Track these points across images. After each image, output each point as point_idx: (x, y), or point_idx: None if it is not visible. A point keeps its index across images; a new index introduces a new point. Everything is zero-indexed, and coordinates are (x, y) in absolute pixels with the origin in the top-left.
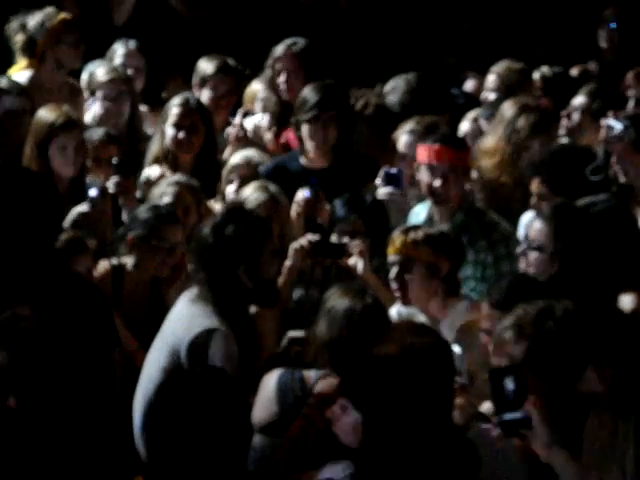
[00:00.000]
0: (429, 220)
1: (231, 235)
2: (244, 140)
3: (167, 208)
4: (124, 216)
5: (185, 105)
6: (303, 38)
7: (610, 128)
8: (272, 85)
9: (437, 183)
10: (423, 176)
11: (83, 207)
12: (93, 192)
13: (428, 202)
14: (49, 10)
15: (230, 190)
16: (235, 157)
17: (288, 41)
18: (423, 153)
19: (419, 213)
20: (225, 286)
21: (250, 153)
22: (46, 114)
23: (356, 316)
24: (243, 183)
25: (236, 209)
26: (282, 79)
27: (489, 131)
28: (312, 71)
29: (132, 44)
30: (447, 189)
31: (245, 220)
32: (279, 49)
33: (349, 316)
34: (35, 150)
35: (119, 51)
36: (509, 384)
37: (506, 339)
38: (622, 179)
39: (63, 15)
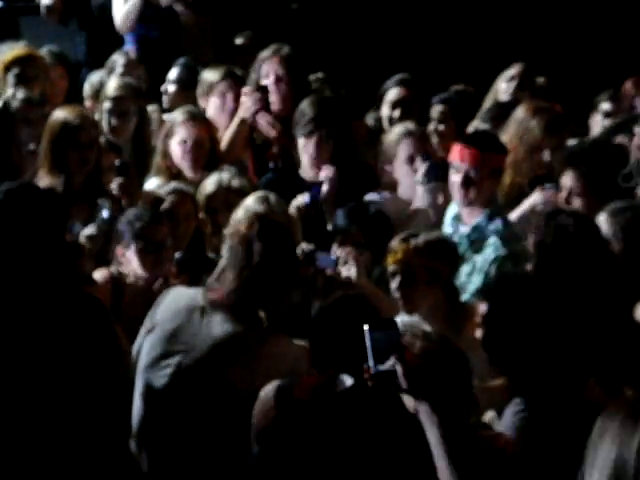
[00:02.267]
0: (455, 219)
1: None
2: None
3: (147, 210)
4: None
5: (192, 119)
6: (288, 45)
7: None
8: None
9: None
10: (451, 175)
11: (91, 230)
12: (105, 213)
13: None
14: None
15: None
16: (208, 185)
17: (275, 45)
18: (453, 151)
19: (451, 211)
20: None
21: (217, 177)
22: (62, 113)
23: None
24: (229, 209)
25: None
26: (268, 82)
27: (501, 132)
28: (298, 76)
29: (132, 54)
30: (469, 190)
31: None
32: (266, 53)
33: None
34: (50, 148)
35: (119, 61)
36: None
37: None
38: None
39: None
